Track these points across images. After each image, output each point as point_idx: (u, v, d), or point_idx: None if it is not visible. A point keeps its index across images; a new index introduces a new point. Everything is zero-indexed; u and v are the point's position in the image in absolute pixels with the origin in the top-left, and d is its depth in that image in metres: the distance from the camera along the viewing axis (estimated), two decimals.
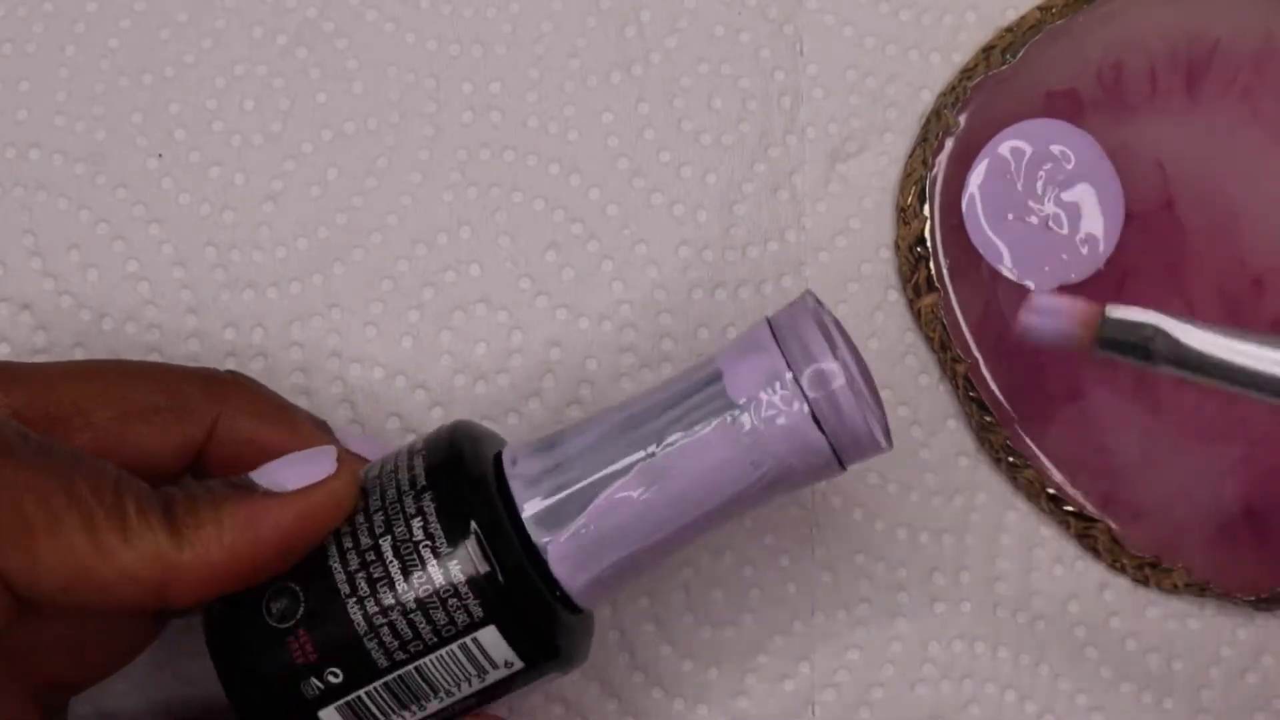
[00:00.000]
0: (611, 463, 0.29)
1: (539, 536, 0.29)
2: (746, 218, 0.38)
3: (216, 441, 0.31)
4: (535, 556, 0.29)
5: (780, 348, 0.29)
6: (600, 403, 0.37)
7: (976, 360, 0.37)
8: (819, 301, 0.30)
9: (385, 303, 0.37)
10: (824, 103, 0.39)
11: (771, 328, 0.29)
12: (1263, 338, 0.28)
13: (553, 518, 0.29)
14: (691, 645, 0.36)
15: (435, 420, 0.37)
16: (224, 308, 0.37)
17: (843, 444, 0.29)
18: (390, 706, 0.29)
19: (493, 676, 0.29)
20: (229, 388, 0.32)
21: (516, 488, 0.29)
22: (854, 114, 0.39)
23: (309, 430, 0.32)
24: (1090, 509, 0.36)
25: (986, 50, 0.38)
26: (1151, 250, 0.36)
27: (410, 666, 0.29)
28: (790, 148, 0.38)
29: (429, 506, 0.29)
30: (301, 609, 0.28)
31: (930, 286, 0.37)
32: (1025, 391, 0.36)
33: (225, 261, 0.38)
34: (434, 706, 0.29)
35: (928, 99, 0.39)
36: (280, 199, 0.38)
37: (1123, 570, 0.37)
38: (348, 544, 0.29)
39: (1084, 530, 0.36)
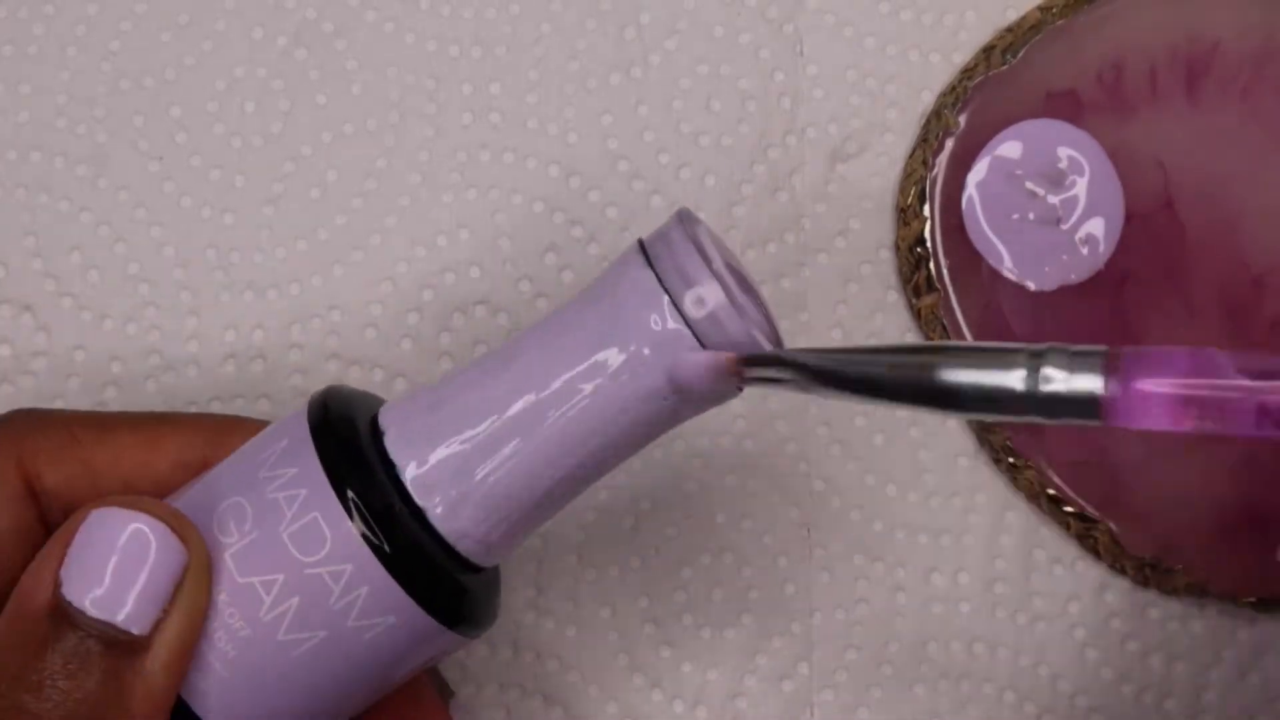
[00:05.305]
0: (497, 416, 0.27)
1: (422, 500, 0.27)
2: (745, 219, 0.38)
3: None
4: (424, 521, 0.28)
5: (655, 271, 0.27)
6: None
7: None
8: (693, 217, 0.28)
9: (384, 304, 0.37)
10: (824, 103, 0.39)
11: (644, 251, 0.28)
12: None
13: (437, 478, 0.27)
14: (691, 646, 0.36)
15: None
16: (224, 309, 0.37)
17: None
18: None
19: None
20: None
21: (396, 451, 0.28)
22: (854, 114, 0.39)
23: None
24: (1090, 509, 0.36)
25: (986, 50, 0.38)
26: (1151, 250, 0.36)
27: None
28: (790, 148, 0.38)
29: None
30: None
31: (930, 287, 0.37)
32: None
33: (225, 263, 0.38)
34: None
35: (928, 99, 0.39)
36: (280, 201, 0.38)
37: (1123, 571, 0.36)
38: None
39: (1084, 531, 0.36)
